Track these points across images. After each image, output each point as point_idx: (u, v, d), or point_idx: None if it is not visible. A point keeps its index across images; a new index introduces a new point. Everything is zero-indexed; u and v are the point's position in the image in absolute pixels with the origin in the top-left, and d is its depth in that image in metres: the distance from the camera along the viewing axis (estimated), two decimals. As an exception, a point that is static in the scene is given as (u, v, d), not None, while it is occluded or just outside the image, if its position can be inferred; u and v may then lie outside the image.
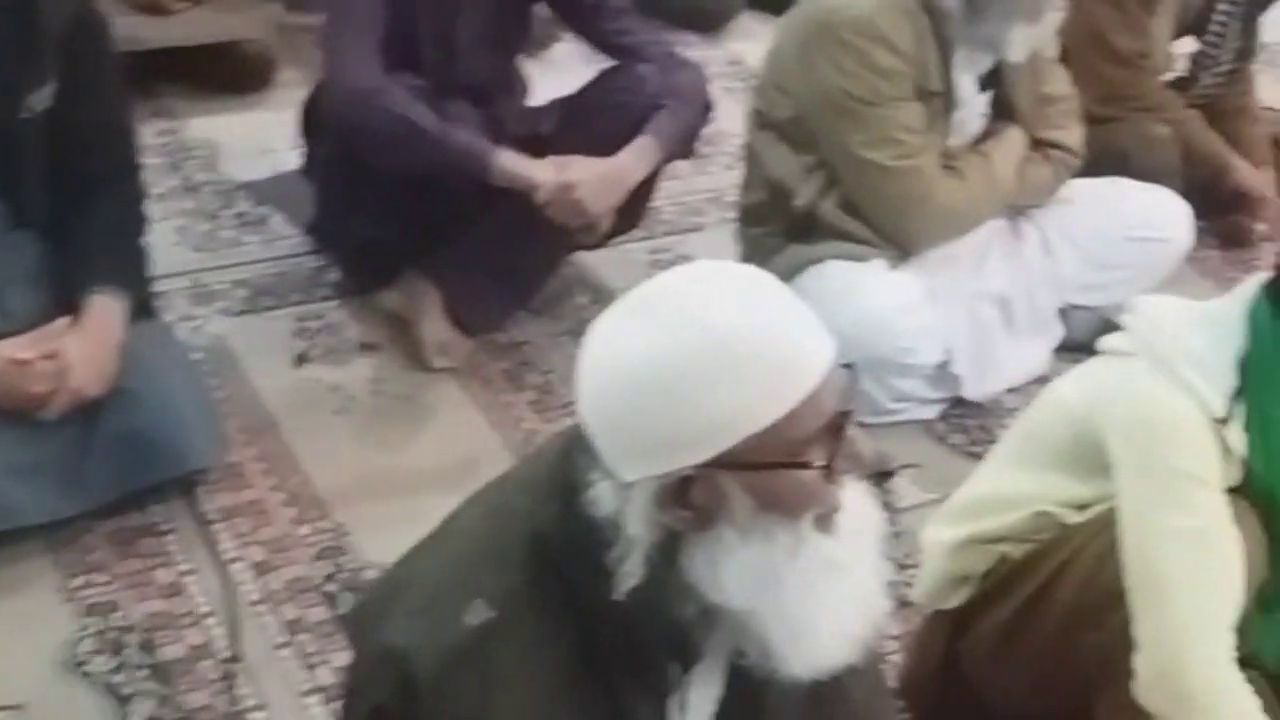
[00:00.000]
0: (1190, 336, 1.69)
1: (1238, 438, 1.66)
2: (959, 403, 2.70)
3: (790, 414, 1.18)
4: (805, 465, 1.20)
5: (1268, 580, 1.70)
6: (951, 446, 2.63)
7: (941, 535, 1.88)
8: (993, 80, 2.69)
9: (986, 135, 2.73)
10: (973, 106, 2.68)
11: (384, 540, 2.07)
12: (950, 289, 2.69)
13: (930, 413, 2.69)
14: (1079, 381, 1.80)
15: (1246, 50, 3.20)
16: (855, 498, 1.27)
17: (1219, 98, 3.25)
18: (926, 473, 2.52)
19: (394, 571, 1.38)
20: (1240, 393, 1.65)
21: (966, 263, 2.75)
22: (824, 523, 1.23)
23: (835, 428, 1.22)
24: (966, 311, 2.70)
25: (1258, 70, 4.07)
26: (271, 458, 2.46)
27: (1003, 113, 2.73)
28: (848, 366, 1.25)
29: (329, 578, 2.23)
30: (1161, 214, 2.86)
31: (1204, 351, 1.67)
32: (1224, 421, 1.64)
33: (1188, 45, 3.25)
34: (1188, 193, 2.97)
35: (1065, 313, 2.83)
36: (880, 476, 1.89)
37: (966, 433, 2.66)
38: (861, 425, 2.58)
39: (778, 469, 1.19)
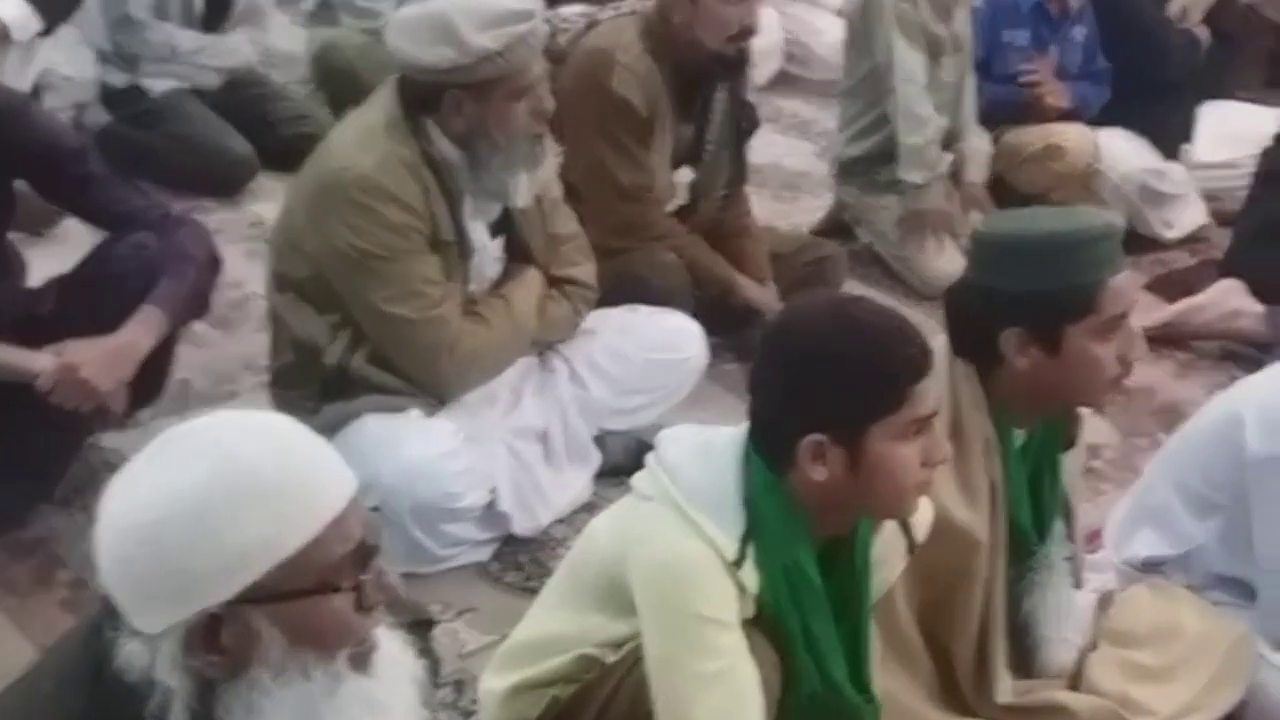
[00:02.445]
0: (700, 478, 1.77)
1: (751, 577, 1.74)
2: (510, 540, 2.75)
3: (315, 540, 1.20)
4: (333, 589, 1.20)
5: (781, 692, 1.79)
6: (507, 585, 2.66)
7: (493, 684, 1.90)
8: (504, 225, 2.79)
9: (505, 278, 2.83)
10: (488, 252, 2.77)
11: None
12: (489, 429, 2.74)
13: (483, 554, 2.72)
14: (611, 522, 1.86)
15: (738, 176, 3.44)
16: (391, 640, 1.29)
17: (720, 221, 3.47)
18: (484, 615, 2.54)
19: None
20: (750, 532, 1.74)
21: (503, 402, 2.82)
22: (360, 661, 1.24)
23: (362, 555, 1.24)
24: (507, 450, 2.75)
25: (752, 191, 4.43)
26: None
27: (517, 255, 2.83)
28: (375, 509, 1.28)
29: None
30: (677, 335, 3.02)
31: (713, 493, 1.75)
32: (738, 564, 1.73)
33: (687, 175, 3.47)
34: (701, 312, 3.17)
35: (601, 439, 2.94)
36: (421, 625, 1.89)
37: (521, 569, 2.70)
38: (416, 575, 2.62)
39: (306, 597, 1.20)
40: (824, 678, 1.79)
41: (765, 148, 4.81)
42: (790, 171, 4.70)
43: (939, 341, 2.10)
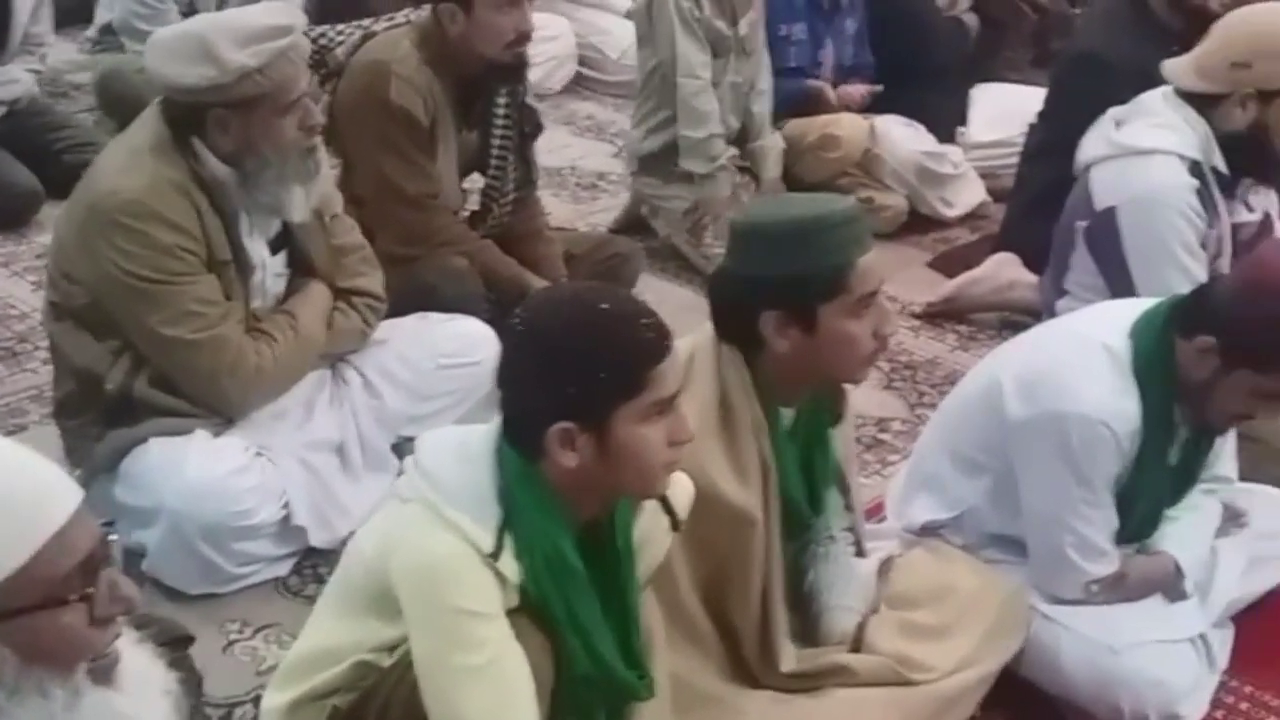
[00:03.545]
0: (455, 477, 1.80)
1: (511, 567, 1.78)
2: (309, 553, 2.75)
3: (36, 556, 1.20)
4: (60, 602, 1.20)
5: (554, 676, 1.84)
6: (308, 599, 2.66)
7: (273, 701, 1.91)
8: (284, 240, 2.79)
9: (290, 293, 2.83)
10: (269, 269, 2.76)
11: None
12: (281, 444, 2.74)
13: (282, 569, 2.72)
14: (374, 528, 1.88)
15: (526, 179, 3.49)
16: (138, 653, 1.29)
17: (512, 224, 3.51)
18: (285, 630, 2.54)
19: None
20: (507, 523, 1.79)
21: (294, 416, 2.82)
22: (101, 675, 1.25)
23: (90, 567, 1.23)
24: (300, 463, 2.75)
25: (551, 194, 4.49)
26: None
27: (301, 269, 2.84)
28: (108, 525, 1.28)
29: None
30: (469, 340, 3.05)
31: (468, 490, 1.79)
32: (495, 555, 1.77)
33: (478, 181, 3.51)
34: (498, 316, 3.20)
35: (399, 446, 2.95)
36: (180, 641, 1.89)
37: (321, 582, 2.67)
38: (214, 595, 2.62)
39: (32, 613, 1.19)
40: (593, 658, 1.84)
41: (563, 150, 4.90)
42: (588, 172, 4.76)
43: (706, 327, 2.18)
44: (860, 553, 2.46)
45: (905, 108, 4.42)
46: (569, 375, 1.75)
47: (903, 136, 4.36)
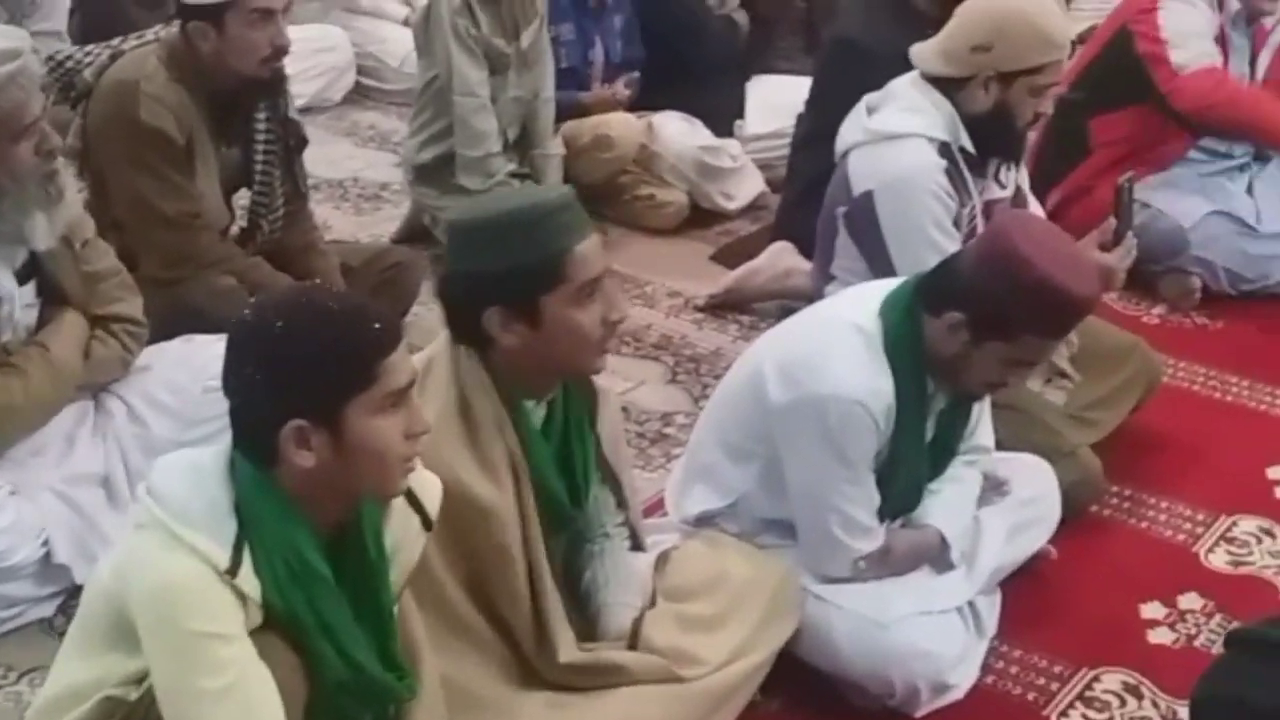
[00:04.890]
0: (187, 496, 1.77)
1: (251, 583, 1.75)
2: (77, 591, 2.65)
3: None
4: None
5: (311, 693, 1.82)
6: (76, 637, 2.59)
7: (20, 742, 1.85)
8: (32, 269, 2.70)
9: (42, 324, 2.74)
10: (17, 300, 2.67)
11: None
12: (38, 481, 2.66)
13: (47, 609, 2.64)
14: (112, 558, 1.84)
15: (295, 193, 3.43)
16: None
17: (284, 240, 3.45)
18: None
19: None
20: (243, 538, 1.76)
21: (54, 450, 2.74)
22: None
23: None
24: (60, 499, 2.67)
25: (333, 206, 4.43)
26: None
27: (53, 299, 2.75)
28: None
29: None
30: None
31: (200, 508, 1.76)
32: (233, 572, 1.74)
33: (247, 197, 3.44)
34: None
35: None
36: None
37: (90, 619, 2.63)
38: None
39: None
40: (348, 664, 1.82)
41: (345, 161, 4.84)
42: (371, 183, 4.71)
43: (443, 334, 2.17)
44: (638, 547, 2.49)
45: (682, 104, 4.47)
46: (298, 372, 1.74)
47: (680, 132, 4.40)
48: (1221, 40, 3.93)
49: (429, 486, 1.96)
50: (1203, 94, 3.85)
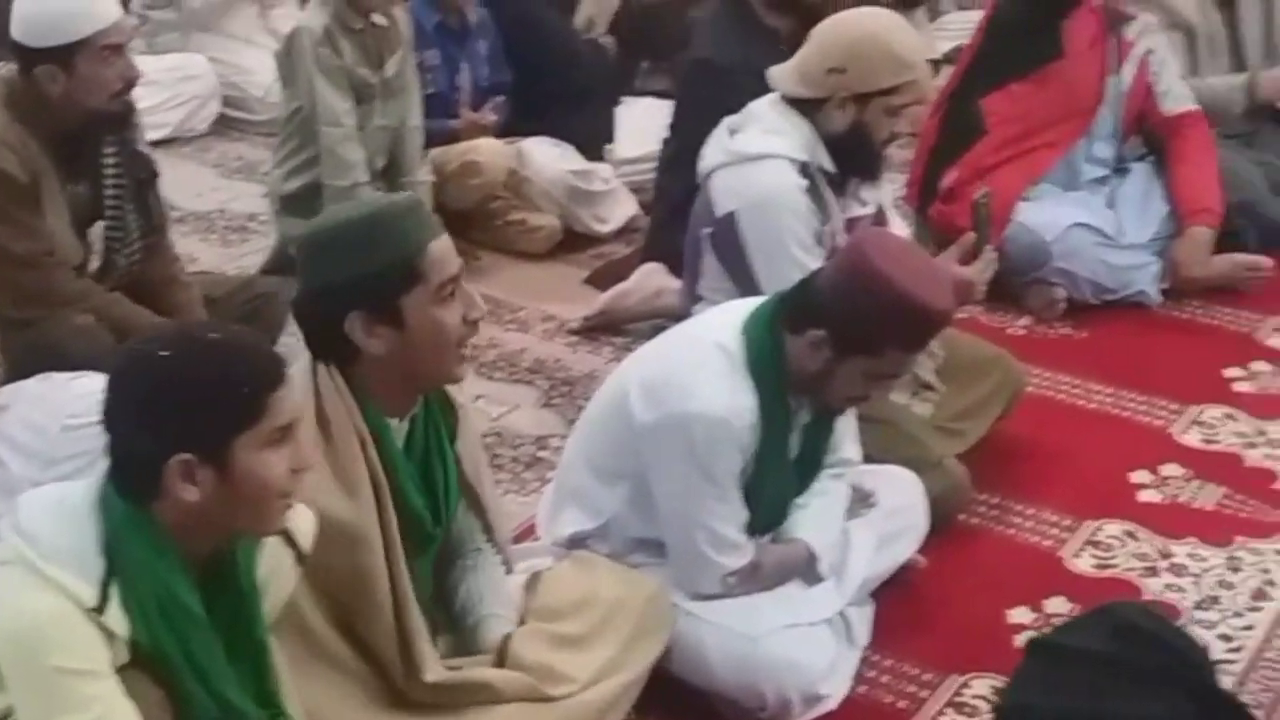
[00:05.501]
0: (53, 532, 1.74)
1: (118, 620, 1.73)
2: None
3: None
4: None
5: None
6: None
7: None
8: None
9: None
10: None
11: None
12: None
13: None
14: None
15: (150, 227, 3.36)
16: None
17: (144, 274, 3.39)
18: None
19: None
20: (112, 575, 1.73)
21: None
22: None
23: None
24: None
25: (199, 238, 4.37)
26: None
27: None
28: None
29: None
30: (97, 398, 2.87)
31: (67, 544, 1.73)
32: (100, 609, 1.71)
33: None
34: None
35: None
36: None
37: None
38: None
39: None
40: (218, 702, 1.80)
41: (210, 193, 4.79)
42: (238, 214, 4.66)
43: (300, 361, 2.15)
44: (507, 569, 2.48)
45: (552, 129, 4.49)
46: (186, 406, 1.72)
47: (550, 157, 4.41)
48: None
49: (302, 519, 1.94)
50: None
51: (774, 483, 2.57)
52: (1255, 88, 4.37)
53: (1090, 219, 4.06)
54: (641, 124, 4.60)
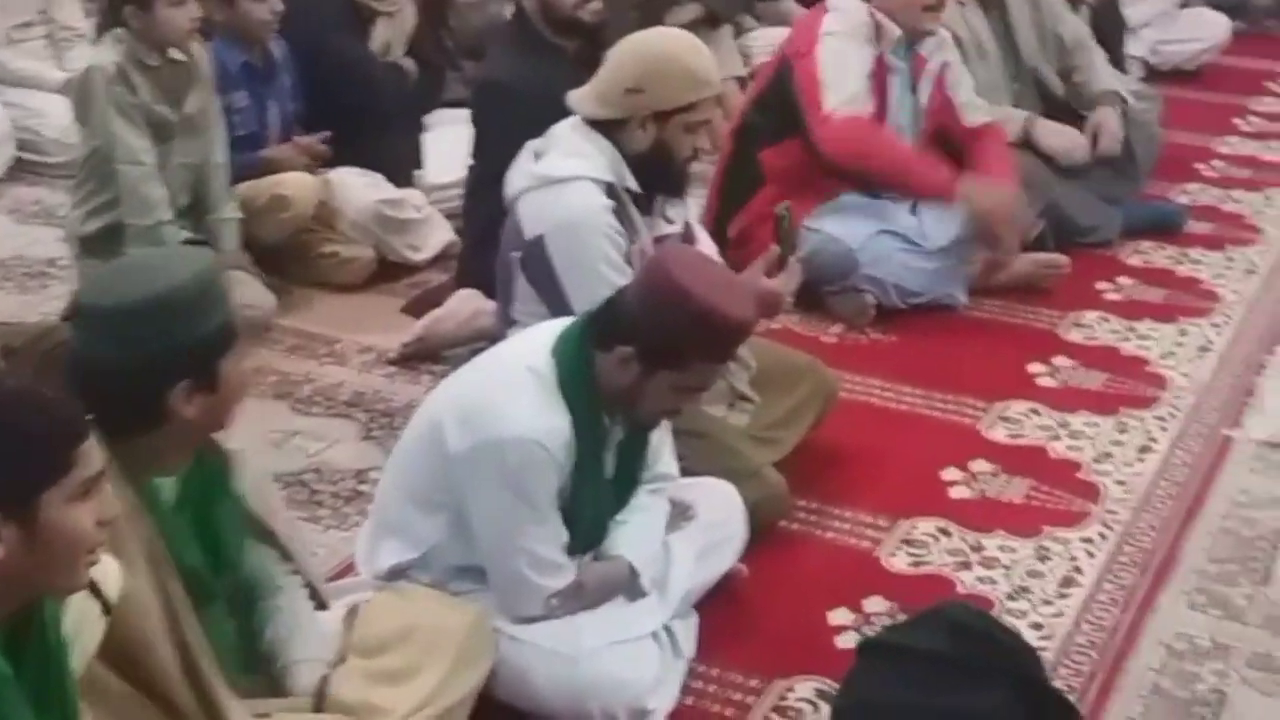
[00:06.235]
0: None
1: None
2: None
3: None
4: None
5: None
6: None
7: None
8: None
9: None
10: None
11: None
12: None
13: None
14: None
15: None
16: None
17: None
18: None
19: None
20: None
21: None
22: None
23: None
24: None
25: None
26: None
27: None
28: None
29: None
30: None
31: None
32: None
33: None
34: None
35: None
36: None
37: None
38: None
39: None
40: None
41: (6, 240, 4.64)
42: (36, 260, 4.51)
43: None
44: (320, 605, 2.44)
45: (359, 159, 4.44)
46: None
47: (358, 187, 4.38)
48: (880, 70, 4.12)
49: (108, 570, 1.89)
50: (845, 141, 4.01)
51: (592, 502, 2.58)
52: (1030, 133, 4.54)
53: (894, 226, 4.17)
54: (450, 149, 4.57)
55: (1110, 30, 5.23)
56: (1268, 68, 6.69)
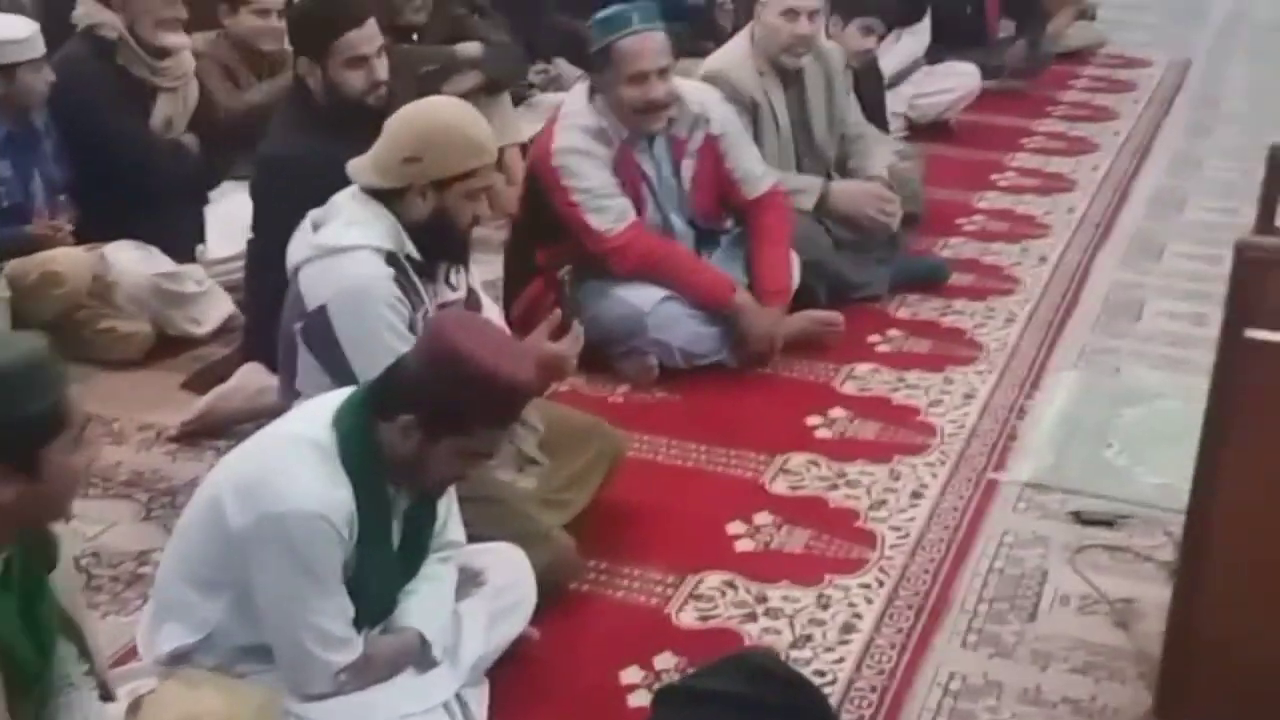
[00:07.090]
0: None
1: None
2: None
3: None
4: None
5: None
6: None
7: None
8: None
9: None
10: None
11: None
12: None
13: None
14: None
15: None
16: None
17: None
18: None
19: None
20: None
21: None
22: None
23: None
24: None
25: None
26: None
27: None
28: None
29: None
30: None
31: None
32: None
33: None
34: None
35: None
36: None
37: None
38: None
39: None
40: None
41: None
42: None
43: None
44: (108, 696, 2.38)
45: (137, 232, 4.37)
46: None
47: (134, 260, 4.30)
48: (626, 167, 4.17)
49: None
50: (630, 259, 4.15)
51: (379, 573, 2.57)
52: (825, 200, 4.72)
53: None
54: (233, 222, 4.52)
55: (872, 90, 5.48)
56: (1023, 124, 7.07)
